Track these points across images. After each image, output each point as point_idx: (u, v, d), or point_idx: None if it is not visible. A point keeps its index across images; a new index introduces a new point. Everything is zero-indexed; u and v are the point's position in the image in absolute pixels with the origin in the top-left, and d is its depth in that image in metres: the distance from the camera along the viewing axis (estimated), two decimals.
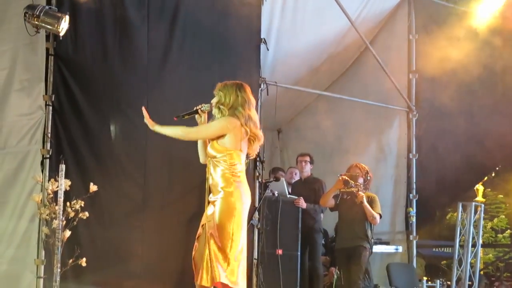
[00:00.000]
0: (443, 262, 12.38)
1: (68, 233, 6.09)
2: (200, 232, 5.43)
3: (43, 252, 6.41)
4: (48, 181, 6.24)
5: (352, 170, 8.35)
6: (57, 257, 5.99)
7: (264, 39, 8.15)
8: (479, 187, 13.16)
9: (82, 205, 6.15)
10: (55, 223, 6.03)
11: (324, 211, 9.13)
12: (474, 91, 9.70)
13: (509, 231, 14.19)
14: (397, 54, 10.21)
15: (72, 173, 6.50)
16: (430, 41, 9.84)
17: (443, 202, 10.91)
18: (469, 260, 10.08)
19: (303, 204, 8.67)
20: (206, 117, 5.56)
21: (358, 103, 10.07)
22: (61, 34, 6.36)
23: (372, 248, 8.29)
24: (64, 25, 6.29)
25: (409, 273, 9.68)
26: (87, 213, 6.18)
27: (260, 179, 7.93)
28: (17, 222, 6.59)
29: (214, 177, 5.39)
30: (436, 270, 11.51)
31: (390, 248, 9.78)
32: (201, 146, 5.59)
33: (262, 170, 7.94)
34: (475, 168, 10.29)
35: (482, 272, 12.07)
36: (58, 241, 6.00)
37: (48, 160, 6.55)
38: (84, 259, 6.18)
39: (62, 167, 6.08)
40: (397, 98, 10.04)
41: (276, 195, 8.32)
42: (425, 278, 10.25)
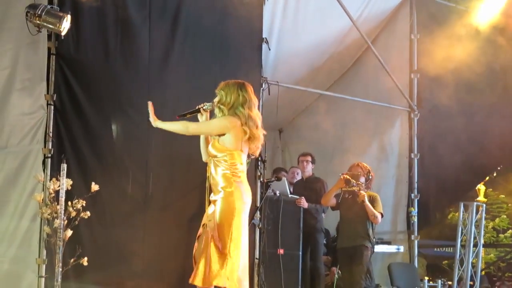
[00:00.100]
0: (445, 262, 12.39)
1: (70, 233, 6.08)
2: (201, 232, 5.43)
3: (45, 252, 6.41)
4: (50, 181, 6.23)
5: (354, 169, 8.32)
6: (59, 257, 5.99)
7: (266, 39, 8.15)
8: (481, 187, 13.15)
9: (84, 205, 6.13)
10: (57, 223, 6.02)
11: (326, 211, 9.13)
12: (476, 91, 9.68)
13: (511, 231, 14.16)
14: (399, 54, 10.20)
15: (74, 173, 6.50)
16: (432, 41, 9.82)
17: (445, 202, 10.89)
18: (471, 260, 10.08)
19: (305, 204, 8.67)
20: (208, 116, 5.56)
21: (360, 103, 10.07)
22: (63, 34, 6.35)
23: (374, 248, 8.27)
24: (66, 25, 6.28)
25: (411, 273, 9.67)
26: (89, 213, 6.17)
27: (262, 179, 7.93)
28: (19, 222, 6.58)
29: (215, 177, 5.39)
30: (438, 270, 11.51)
31: (392, 248, 9.77)
32: (203, 145, 5.59)
33: (264, 170, 7.94)
34: (477, 168, 10.28)
35: (484, 272, 12.06)
36: (60, 241, 6.00)
37: (50, 160, 6.55)
38: (86, 259, 6.16)
39: (64, 167, 6.08)
40: (399, 98, 10.04)
41: (278, 195, 8.31)
42: (427, 278, 10.24)
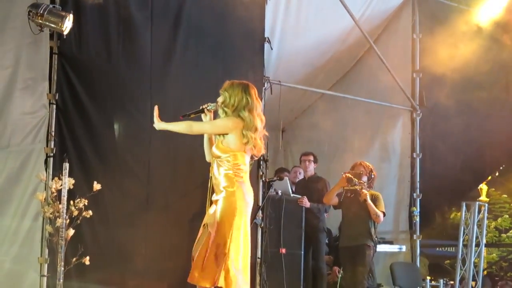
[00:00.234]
0: (447, 262, 12.37)
1: (72, 232, 6.10)
2: (201, 232, 5.41)
3: (47, 251, 6.42)
4: (52, 180, 6.24)
5: (356, 168, 8.31)
6: (61, 256, 6.00)
7: (268, 38, 8.15)
8: (483, 187, 13.12)
9: (86, 204, 6.16)
10: (59, 222, 6.04)
11: (328, 210, 9.12)
12: (478, 90, 9.68)
13: None
14: (401, 53, 10.20)
15: (76, 172, 6.50)
16: (434, 40, 9.81)
17: (447, 202, 10.89)
18: (473, 260, 10.08)
19: (307, 203, 8.66)
20: (212, 116, 5.53)
21: (362, 103, 10.07)
22: (65, 33, 6.36)
23: (376, 247, 8.26)
24: (68, 24, 6.29)
25: (413, 273, 9.66)
26: (91, 212, 6.19)
27: (264, 178, 7.93)
28: (21, 221, 6.58)
29: (217, 177, 5.37)
30: (440, 270, 11.49)
31: (394, 248, 9.77)
32: (207, 145, 5.56)
33: (266, 169, 7.93)
34: (479, 168, 10.28)
35: (486, 272, 12.05)
36: (62, 240, 6.02)
37: (52, 159, 6.55)
38: (88, 258, 6.19)
39: (66, 166, 6.10)
40: (401, 98, 10.03)
41: (280, 194, 8.31)
42: (429, 278, 10.25)
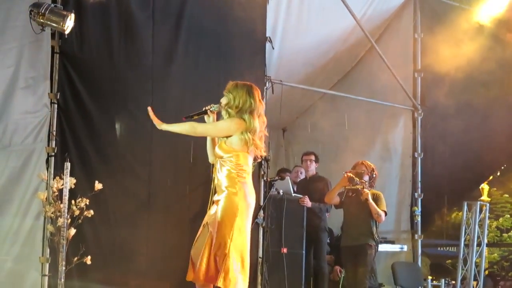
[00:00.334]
0: (448, 261, 12.34)
1: (73, 231, 6.10)
2: (201, 231, 5.40)
3: (48, 250, 6.41)
4: (53, 179, 6.23)
5: (358, 168, 8.31)
6: (62, 255, 6.00)
7: (270, 38, 8.14)
8: (485, 186, 13.12)
9: (87, 203, 6.15)
10: (60, 221, 6.03)
11: (330, 210, 9.11)
12: (480, 90, 9.68)
13: None
14: (403, 53, 10.19)
15: (77, 171, 6.50)
16: (435, 40, 9.81)
17: (448, 201, 10.87)
18: (474, 259, 10.08)
19: (308, 203, 8.66)
20: (215, 118, 5.52)
21: (363, 102, 10.07)
22: (67, 32, 6.36)
23: (378, 246, 8.26)
24: (70, 23, 6.28)
25: (414, 272, 9.66)
26: (92, 211, 6.19)
27: (265, 178, 7.93)
28: (22, 220, 6.58)
29: (220, 177, 5.34)
30: (441, 269, 11.47)
31: (395, 247, 9.77)
32: (210, 146, 5.54)
33: (267, 169, 7.93)
34: (481, 167, 10.27)
35: (487, 272, 12.04)
36: (63, 239, 6.01)
37: (53, 158, 6.54)
38: (89, 257, 6.18)
39: (67, 165, 6.09)
40: (402, 97, 10.03)
41: (281, 194, 8.31)
42: (430, 277, 10.25)
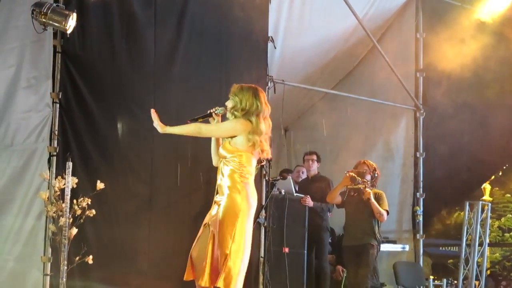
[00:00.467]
0: (450, 261, 12.36)
1: (75, 231, 6.09)
2: (201, 232, 5.39)
3: (50, 250, 6.40)
4: (55, 179, 6.23)
5: (360, 167, 8.31)
6: (64, 255, 6.00)
7: (271, 37, 8.14)
8: (486, 186, 13.10)
9: (89, 203, 6.15)
10: (62, 221, 6.03)
11: (332, 210, 9.11)
12: (481, 89, 9.66)
13: None
14: (404, 53, 10.19)
15: (79, 171, 6.49)
16: (437, 40, 9.80)
17: (450, 201, 10.87)
18: (476, 259, 10.06)
19: (310, 203, 8.66)
20: (220, 120, 5.51)
21: (365, 102, 10.07)
22: (69, 32, 6.35)
23: (380, 246, 8.25)
24: (72, 23, 6.28)
25: (416, 272, 9.66)
26: (94, 211, 6.18)
27: (267, 178, 7.92)
28: (24, 220, 6.59)
29: (223, 177, 5.34)
30: (443, 269, 11.49)
31: (397, 247, 9.78)
32: (214, 149, 5.54)
33: (269, 169, 7.92)
34: (482, 167, 10.26)
35: (489, 272, 12.04)
36: (65, 239, 6.01)
37: (55, 158, 6.53)
38: (91, 257, 6.18)
39: (69, 165, 6.09)
40: (404, 97, 10.02)
41: (283, 194, 8.30)
42: (432, 277, 10.26)
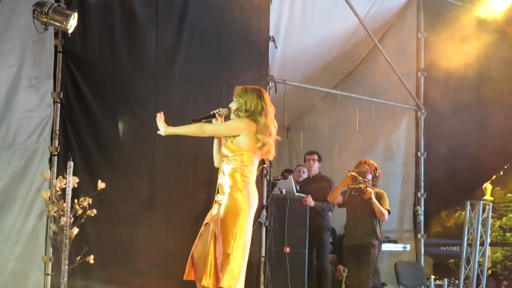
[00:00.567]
0: (451, 261, 12.33)
1: (76, 230, 6.09)
2: (202, 231, 5.40)
3: (51, 249, 6.41)
4: (56, 178, 6.22)
5: (361, 167, 8.30)
6: (65, 254, 6.00)
7: (273, 37, 8.13)
8: (488, 186, 13.08)
9: (90, 203, 6.14)
10: (63, 220, 6.03)
11: (333, 209, 9.11)
12: (483, 88, 9.64)
13: None
14: (406, 53, 10.18)
15: (80, 170, 6.50)
16: (439, 39, 9.79)
17: (452, 201, 10.85)
18: (477, 259, 10.06)
19: (311, 202, 8.66)
20: (223, 121, 5.52)
21: (366, 102, 10.06)
22: (70, 31, 6.36)
23: (381, 245, 8.24)
24: (73, 22, 6.29)
25: (417, 272, 9.66)
26: (95, 211, 6.18)
27: (268, 177, 7.92)
28: (25, 219, 6.60)
29: (224, 176, 5.36)
30: (444, 269, 11.47)
31: (398, 247, 9.78)
32: (216, 149, 5.55)
33: (270, 168, 7.92)
34: (484, 167, 10.24)
35: (490, 271, 12.03)
36: (66, 238, 6.01)
37: (56, 157, 6.55)
38: (92, 256, 6.18)
39: (70, 164, 6.09)
40: (405, 97, 10.02)
41: (284, 193, 8.30)
42: (433, 277, 10.24)
